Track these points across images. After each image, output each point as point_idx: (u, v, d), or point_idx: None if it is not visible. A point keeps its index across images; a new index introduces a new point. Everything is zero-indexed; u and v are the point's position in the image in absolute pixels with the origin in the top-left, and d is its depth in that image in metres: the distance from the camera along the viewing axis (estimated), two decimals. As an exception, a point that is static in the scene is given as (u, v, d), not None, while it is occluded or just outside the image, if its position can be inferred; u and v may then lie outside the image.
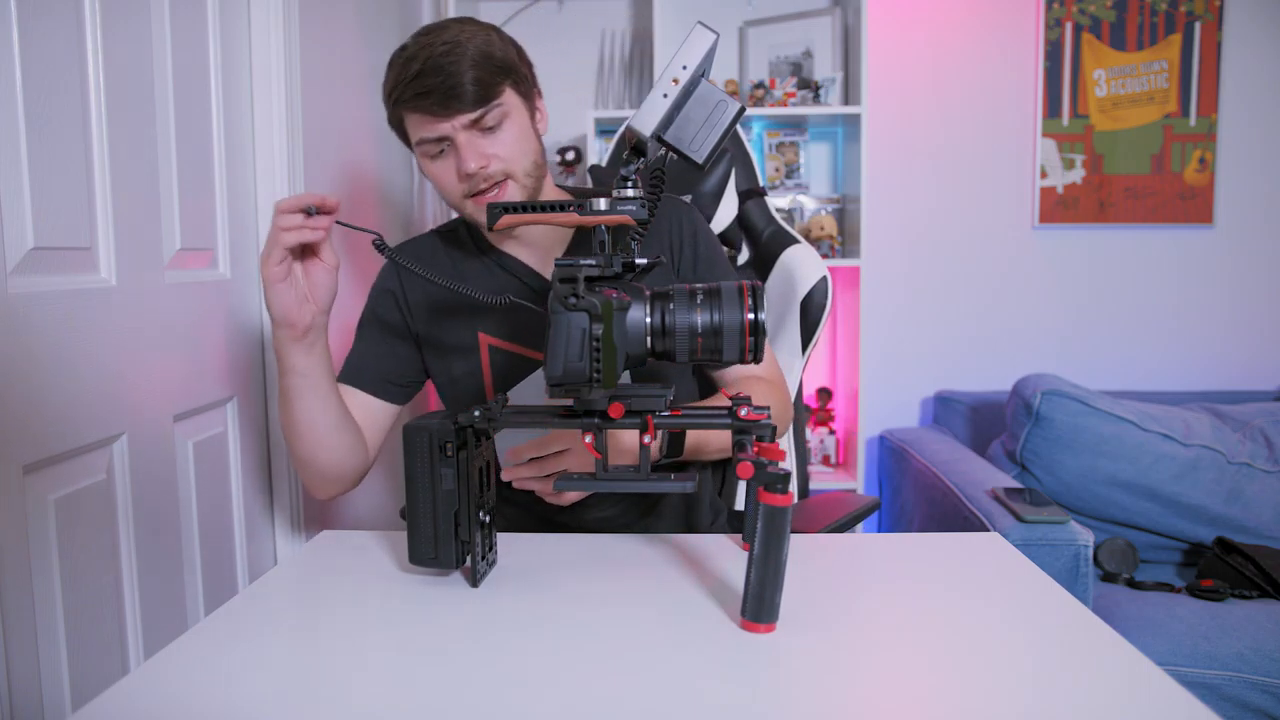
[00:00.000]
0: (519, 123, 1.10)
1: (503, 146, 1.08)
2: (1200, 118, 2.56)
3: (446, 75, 1.03)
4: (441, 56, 1.03)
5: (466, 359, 1.19)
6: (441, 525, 0.84)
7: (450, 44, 1.04)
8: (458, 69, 1.03)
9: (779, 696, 0.66)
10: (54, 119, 1.01)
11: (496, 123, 1.07)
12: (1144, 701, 0.64)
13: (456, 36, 1.05)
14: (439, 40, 1.05)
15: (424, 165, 1.12)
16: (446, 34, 1.06)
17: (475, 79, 1.04)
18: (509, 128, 1.09)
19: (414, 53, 1.06)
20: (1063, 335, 2.66)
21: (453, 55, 1.04)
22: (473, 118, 1.06)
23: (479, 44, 1.05)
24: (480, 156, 1.07)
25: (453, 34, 1.06)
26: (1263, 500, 1.99)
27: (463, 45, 1.04)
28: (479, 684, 0.68)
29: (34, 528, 0.97)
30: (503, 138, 1.08)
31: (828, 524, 1.27)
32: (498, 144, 1.08)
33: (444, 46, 1.04)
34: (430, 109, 1.05)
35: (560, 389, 0.75)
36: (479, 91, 1.05)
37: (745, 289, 0.77)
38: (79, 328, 1.05)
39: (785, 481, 0.72)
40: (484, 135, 1.08)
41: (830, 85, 2.42)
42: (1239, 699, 1.59)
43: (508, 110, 1.08)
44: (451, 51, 1.04)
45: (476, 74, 1.04)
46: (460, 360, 1.20)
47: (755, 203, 1.55)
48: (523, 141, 1.10)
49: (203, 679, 0.70)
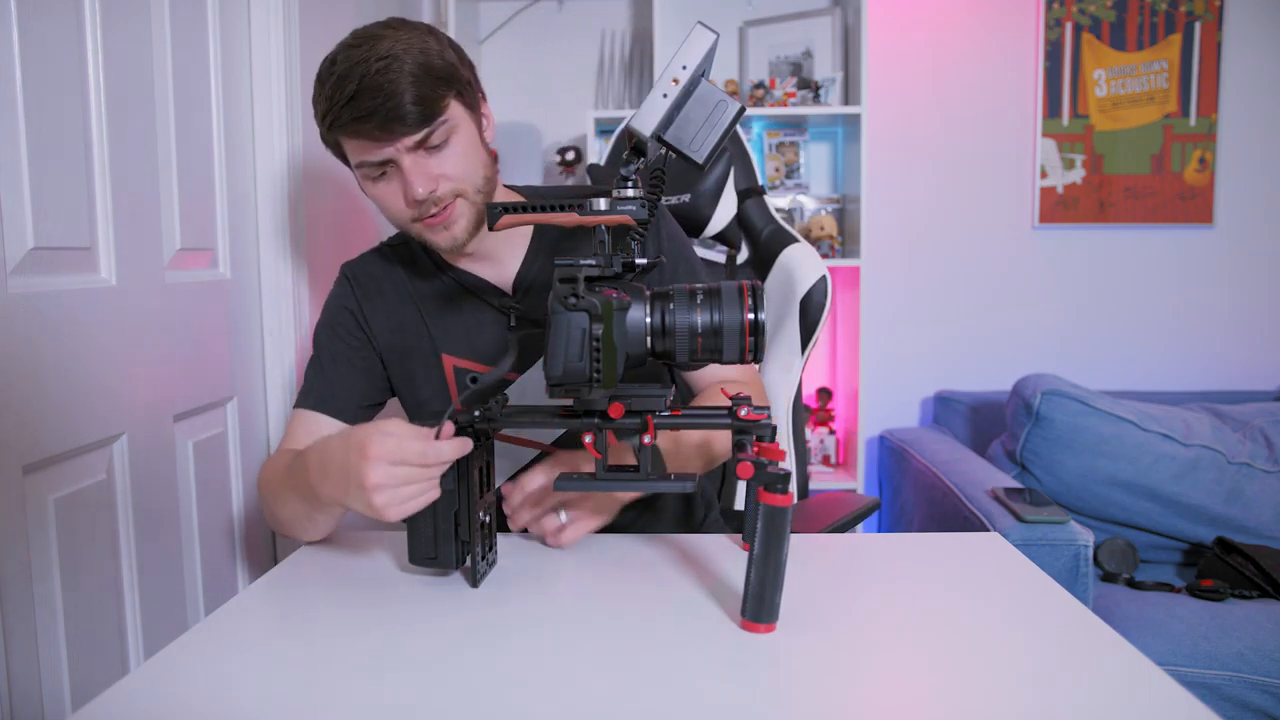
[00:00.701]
0: (466, 136, 1.02)
1: (451, 165, 1.01)
2: (1200, 118, 2.56)
3: (385, 96, 0.94)
4: (378, 75, 0.94)
5: (431, 381, 1.14)
6: (441, 525, 0.84)
7: (386, 59, 0.94)
8: (397, 87, 0.94)
9: (779, 696, 0.66)
10: (54, 119, 1.01)
11: (443, 140, 1.00)
12: (1144, 701, 0.64)
13: (391, 49, 0.95)
14: (373, 55, 0.95)
15: (365, 187, 1.04)
16: (380, 46, 0.96)
17: (417, 97, 0.95)
18: (456, 143, 1.01)
19: (345, 70, 0.95)
20: (1063, 335, 2.66)
21: (390, 72, 0.94)
22: (417, 139, 0.97)
23: (417, 55, 0.96)
24: (428, 179, 0.99)
25: (387, 46, 0.96)
26: (1263, 500, 1.99)
27: (399, 59, 0.95)
28: (479, 684, 0.68)
29: (34, 528, 0.97)
30: (450, 155, 1.01)
31: (828, 524, 1.27)
32: (445, 163, 1.00)
33: (379, 63, 0.94)
34: (370, 133, 0.97)
35: (560, 389, 0.75)
36: (422, 111, 0.96)
37: (745, 289, 0.77)
38: (79, 328, 1.05)
39: (785, 481, 0.72)
40: (430, 155, 1.00)
41: (830, 85, 2.42)
42: (1239, 699, 1.59)
43: (454, 125, 1.00)
44: (388, 68, 0.94)
45: (418, 91, 0.95)
46: (425, 383, 1.15)
47: (754, 202, 1.55)
48: (471, 156, 1.03)
49: (203, 679, 0.70)
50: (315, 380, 1.15)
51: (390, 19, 1.02)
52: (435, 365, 1.14)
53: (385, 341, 1.16)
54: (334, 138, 1.01)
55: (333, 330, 1.17)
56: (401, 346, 1.15)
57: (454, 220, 1.02)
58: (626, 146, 0.78)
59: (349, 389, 1.14)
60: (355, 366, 1.15)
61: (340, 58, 0.97)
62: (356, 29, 1.01)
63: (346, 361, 1.15)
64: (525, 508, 0.98)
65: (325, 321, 1.18)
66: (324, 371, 1.15)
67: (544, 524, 0.96)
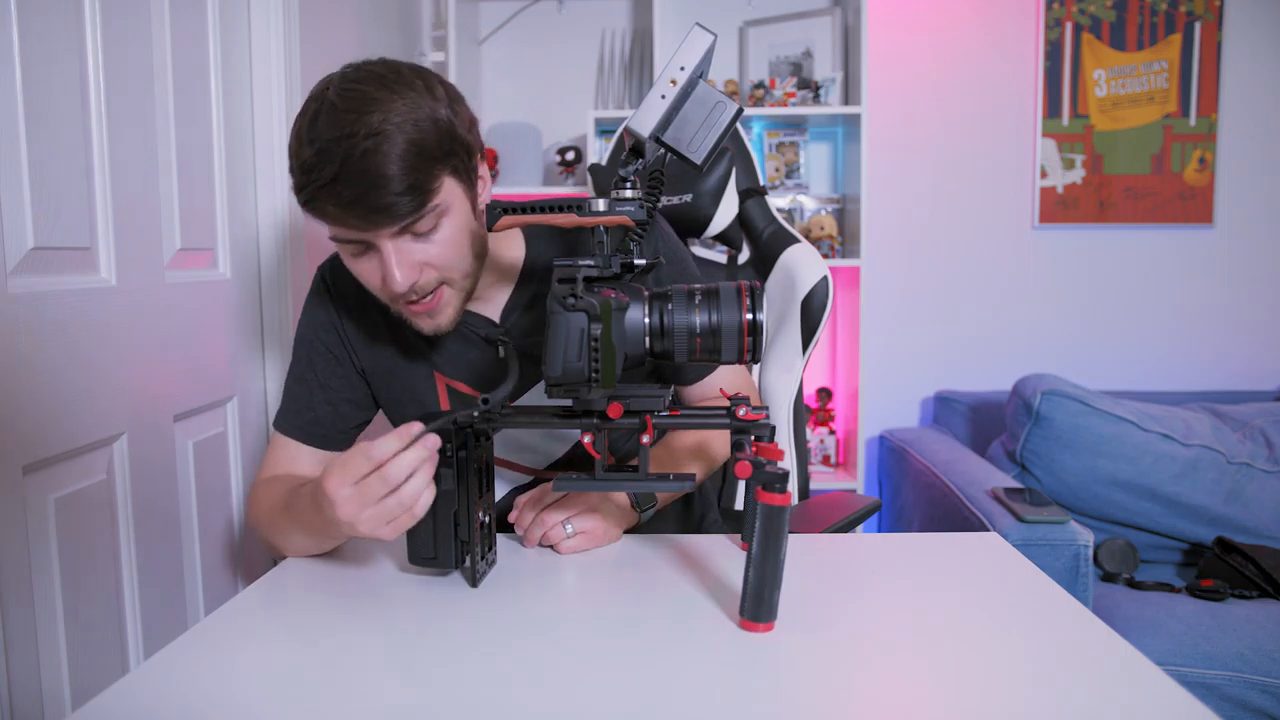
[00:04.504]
0: (457, 219, 0.91)
1: (437, 252, 0.90)
2: (1200, 118, 2.56)
3: (370, 184, 0.83)
4: (364, 158, 0.82)
5: (423, 401, 1.07)
6: (441, 525, 0.84)
7: (374, 136, 0.82)
8: (384, 174, 0.83)
9: (777, 696, 0.66)
10: (54, 119, 1.01)
11: (431, 226, 0.89)
12: (1144, 701, 0.64)
13: (382, 124, 0.83)
14: (360, 129, 0.82)
15: (341, 254, 0.94)
16: (370, 117, 0.83)
17: (407, 186, 0.84)
18: (445, 228, 0.90)
19: (328, 145, 0.83)
20: (1063, 335, 2.66)
21: (378, 155, 0.82)
22: (403, 225, 0.87)
23: (409, 131, 0.84)
24: (411, 268, 0.89)
25: (378, 119, 0.83)
26: (1263, 500, 1.99)
27: (389, 137, 0.83)
28: (478, 683, 0.68)
29: (34, 528, 0.98)
30: (438, 242, 0.90)
31: (828, 526, 1.27)
32: (432, 250, 0.90)
33: (366, 142, 0.82)
34: (350, 222, 0.86)
35: (559, 389, 0.75)
36: (411, 200, 0.85)
37: (744, 289, 0.77)
38: (79, 328, 1.05)
39: (783, 481, 0.73)
40: (416, 239, 0.89)
41: (830, 85, 2.42)
42: (1239, 699, 1.59)
43: (445, 208, 0.89)
44: (377, 149, 0.82)
45: (408, 178, 0.84)
46: (414, 403, 1.07)
47: (755, 202, 1.55)
48: (460, 241, 0.92)
49: (203, 678, 0.70)
50: (294, 403, 1.09)
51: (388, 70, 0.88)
52: (429, 384, 1.07)
53: (370, 357, 1.08)
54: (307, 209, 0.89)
55: (313, 346, 1.08)
56: (389, 362, 1.07)
57: (439, 310, 0.94)
58: (625, 147, 0.78)
59: (331, 415, 1.08)
60: (336, 390, 1.08)
61: (323, 120, 0.84)
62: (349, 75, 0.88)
63: (326, 385, 1.08)
64: (530, 508, 0.99)
65: (304, 335, 1.09)
66: (303, 395, 1.08)
67: (550, 535, 0.97)
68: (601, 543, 0.98)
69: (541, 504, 0.98)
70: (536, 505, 0.98)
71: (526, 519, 0.98)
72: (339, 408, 1.08)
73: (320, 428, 1.08)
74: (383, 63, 0.90)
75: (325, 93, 0.86)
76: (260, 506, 1.03)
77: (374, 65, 0.89)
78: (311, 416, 1.08)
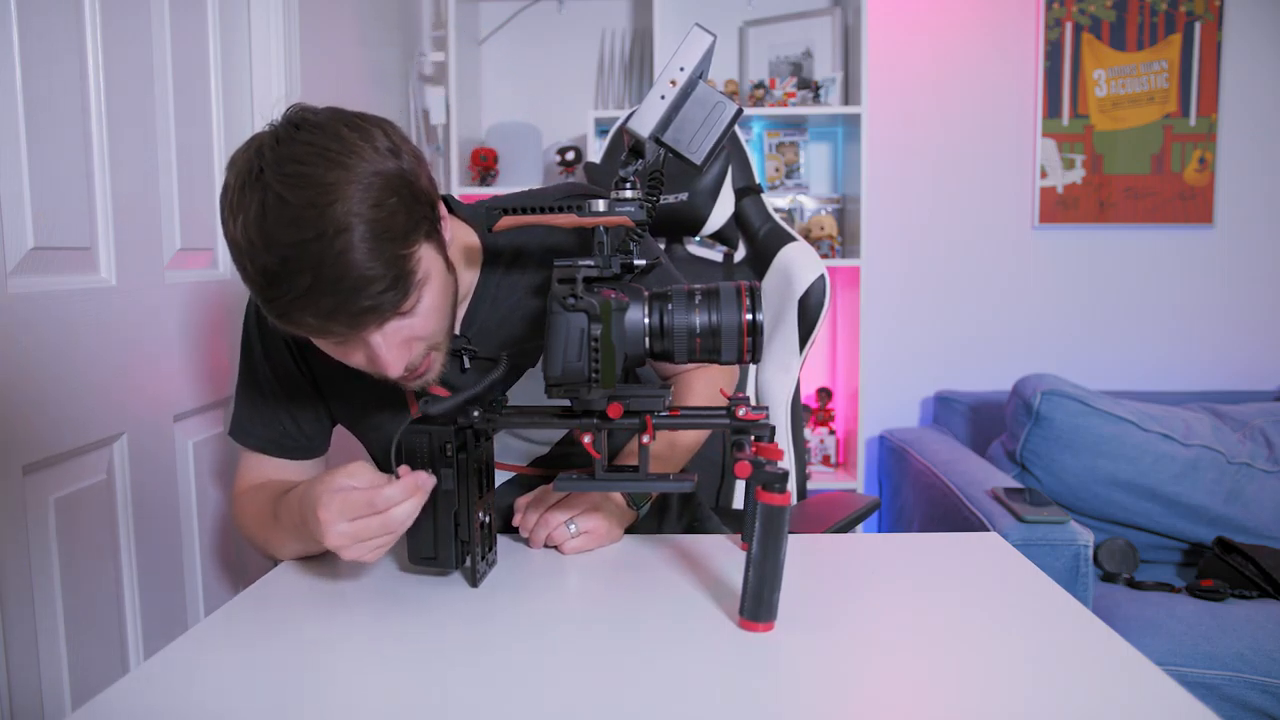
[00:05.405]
0: (437, 281, 0.84)
1: (424, 323, 0.84)
2: (1200, 118, 2.56)
3: (351, 290, 0.75)
4: (338, 262, 0.74)
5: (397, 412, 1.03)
6: (441, 525, 0.84)
7: (343, 234, 0.73)
8: (364, 276, 0.75)
9: (777, 696, 0.66)
10: (54, 119, 1.01)
11: (415, 301, 0.82)
12: (1144, 701, 0.64)
13: (346, 219, 0.73)
14: (326, 229, 0.73)
15: (316, 344, 0.86)
16: (331, 211, 0.73)
17: (392, 279, 0.77)
18: (429, 295, 0.83)
19: (290, 253, 0.73)
20: (1063, 335, 2.66)
21: (352, 254, 0.74)
22: (389, 316, 0.81)
23: (372, 215, 0.75)
24: (402, 349, 0.83)
25: (339, 211, 0.73)
26: (1263, 500, 1.99)
27: (353, 230, 0.74)
28: (478, 683, 0.68)
29: (34, 528, 0.98)
30: (423, 311, 0.83)
31: (829, 526, 1.27)
32: (418, 322, 0.84)
33: (337, 242, 0.73)
34: (334, 329, 0.79)
35: (559, 389, 0.75)
36: (398, 292, 0.78)
37: (743, 289, 0.77)
38: (79, 328, 1.05)
39: (783, 481, 0.73)
40: (402, 319, 0.82)
41: (830, 85, 2.42)
42: (1239, 699, 1.59)
43: (426, 277, 0.82)
44: (350, 249, 0.74)
45: (392, 271, 0.77)
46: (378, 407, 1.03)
47: (751, 200, 1.55)
48: (444, 299, 0.86)
49: (202, 678, 0.70)
50: (250, 413, 1.04)
51: (326, 138, 0.77)
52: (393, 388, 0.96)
53: (319, 365, 1.01)
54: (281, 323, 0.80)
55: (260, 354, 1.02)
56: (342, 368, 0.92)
57: (428, 371, 0.89)
58: (624, 147, 0.78)
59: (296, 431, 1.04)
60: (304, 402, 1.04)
61: (273, 217, 0.73)
62: (283, 153, 0.76)
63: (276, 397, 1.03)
64: (533, 509, 0.99)
65: (248, 344, 1.03)
66: (256, 404, 1.03)
67: (555, 535, 0.97)
68: (604, 542, 0.98)
69: (544, 505, 0.98)
70: (539, 506, 0.99)
71: (531, 520, 0.98)
72: (303, 425, 1.05)
73: (289, 439, 1.05)
74: (312, 127, 0.78)
75: (261, 176, 0.75)
76: (246, 517, 1.02)
77: (306, 134, 0.77)
78: (280, 430, 1.04)
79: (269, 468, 1.06)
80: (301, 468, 1.07)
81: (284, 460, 1.06)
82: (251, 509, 1.01)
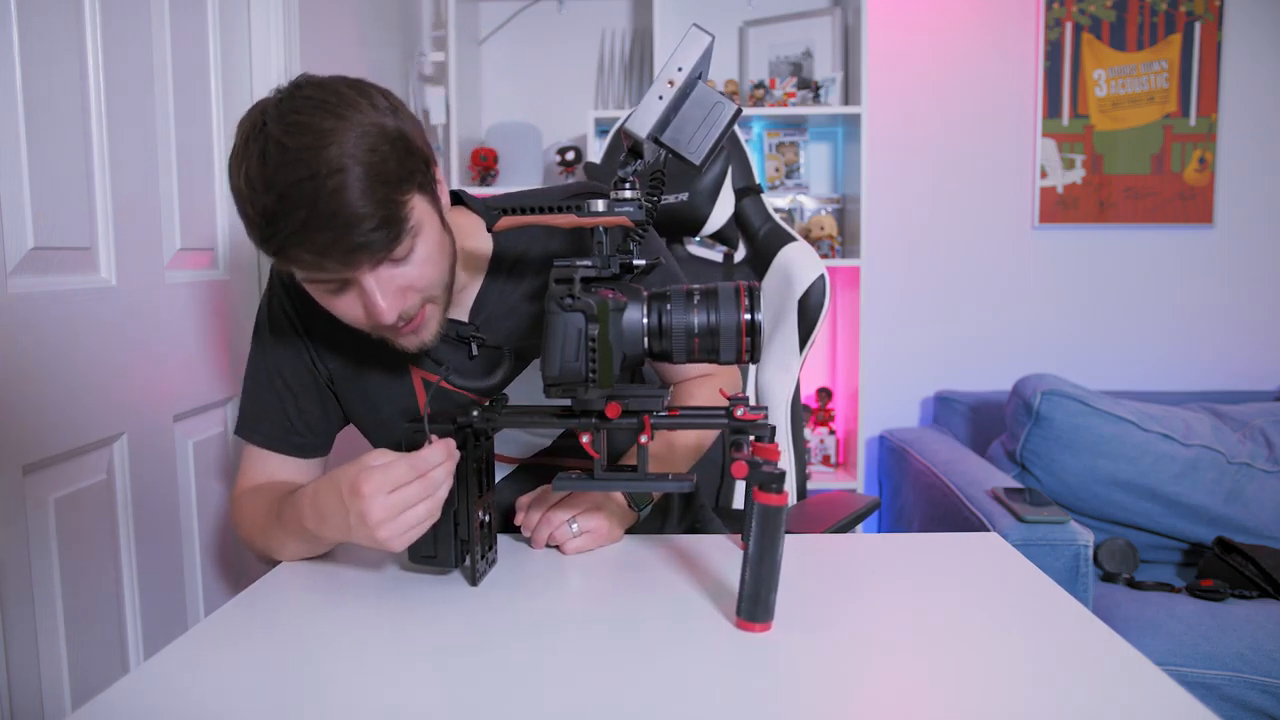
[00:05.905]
0: (431, 236, 0.88)
1: (418, 273, 0.87)
2: (1200, 118, 2.56)
3: (344, 225, 0.79)
4: (332, 198, 0.78)
5: (397, 396, 1.04)
6: (441, 524, 0.84)
7: (338, 174, 0.78)
8: (356, 213, 0.79)
9: (774, 696, 0.66)
10: (54, 119, 1.01)
11: (409, 249, 0.85)
12: (1144, 701, 0.64)
13: (340, 158, 0.78)
14: (321, 167, 0.78)
15: (313, 294, 0.89)
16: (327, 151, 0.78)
17: (382, 218, 0.80)
18: (422, 247, 0.87)
19: (288, 190, 0.78)
20: (1063, 335, 2.66)
21: (347, 191, 0.78)
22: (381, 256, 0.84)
23: (370, 158, 0.80)
24: (396, 296, 0.86)
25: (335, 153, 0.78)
26: (1263, 500, 1.99)
27: (352, 170, 0.78)
28: (478, 683, 0.68)
29: (34, 528, 0.98)
30: (416, 262, 0.87)
31: (829, 526, 1.27)
32: (412, 272, 0.87)
33: (331, 181, 0.77)
34: (328, 265, 0.82)
35: (557, 389, 0.75)
36: (390, 231, 0.82)
37: (742, 290, 0.77)
38: (79, 328, 1.05)
39: (780, 481, 0.73)
40: (396, 266, 0.85)
41: (830, 85, 2.42)
42: (1239, 699, 1.59)
43: (419, 226, 0.86)
44: (343, 187, 0.78)
45: (382, 211, 0.80)
46: (388, 399, 1.05)
47: (751, 200, 1.55)
48: (438, 255, 0.89)
49: (203, 678, 0.70)
50: (257, 409, 1.05)
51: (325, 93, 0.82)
52: (402, 378, 1.03)
53: (333, 360, 1.04)
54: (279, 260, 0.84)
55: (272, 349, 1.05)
56: (355, 361, 1.02)
57: (424, 326, 0.92)
58: (623, 148, 0.78)
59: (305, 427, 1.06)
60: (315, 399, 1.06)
61: (273, 161, 0.78)
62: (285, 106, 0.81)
63: (288, 390, 1.04)
64: (534, 509, 0.99)
65: (260, 338, 1.05)
66: (266, 400, 1.05)
67: (557, 535, 0.97)
68: (606, 542, 0.98)
69: (545, 504, 0.98)
70: (541, 506, 0.99)
71: (532, 520, 0.98)
72: (310, 421, 1.06)
73: (296, 435, 1.05)
74: (314, 85, 0.84)
75: (264, 128, 0.80)
76: (247, 518, 1.02)
77: (308, 90, 0.82)
78: (287, 425, 1.05)
79: (272, 465, 1.06)
80: (303, 467, 1.07)
81: (287, 458, 1.06)
82: (251, 510, 1.02)
